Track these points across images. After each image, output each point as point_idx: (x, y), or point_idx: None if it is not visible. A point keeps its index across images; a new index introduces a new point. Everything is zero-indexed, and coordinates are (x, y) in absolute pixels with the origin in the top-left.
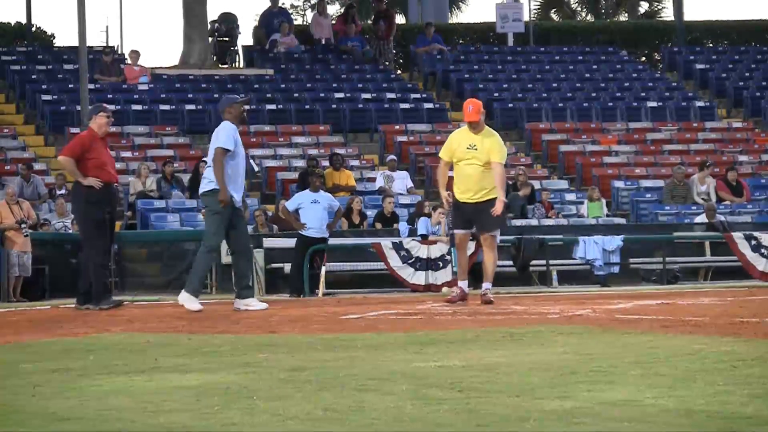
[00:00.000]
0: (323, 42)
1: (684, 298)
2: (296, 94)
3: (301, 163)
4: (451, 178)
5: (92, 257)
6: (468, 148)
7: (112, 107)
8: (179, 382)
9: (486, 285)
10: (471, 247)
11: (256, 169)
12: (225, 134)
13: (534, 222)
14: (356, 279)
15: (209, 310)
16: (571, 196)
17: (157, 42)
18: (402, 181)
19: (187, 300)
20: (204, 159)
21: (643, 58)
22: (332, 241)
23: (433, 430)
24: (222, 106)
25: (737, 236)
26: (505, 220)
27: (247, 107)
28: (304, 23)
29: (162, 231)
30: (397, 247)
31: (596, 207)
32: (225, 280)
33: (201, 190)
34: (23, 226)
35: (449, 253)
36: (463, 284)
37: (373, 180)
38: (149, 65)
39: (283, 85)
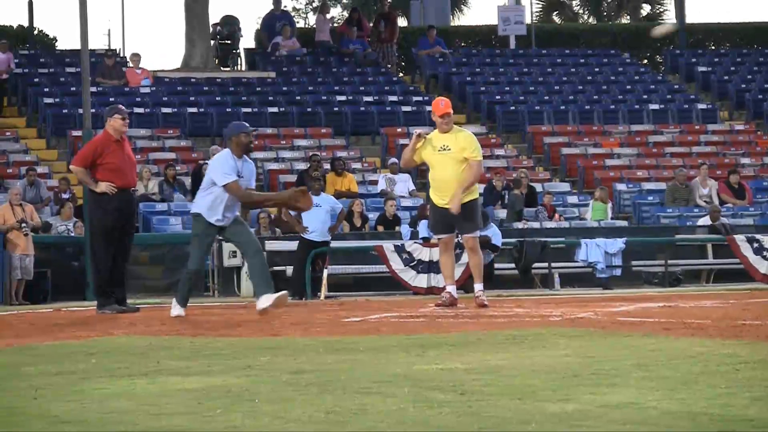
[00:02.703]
0: (328, 40)
1: (686, 301)
2: (298, 97)
3: (303, 166)
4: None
5: (96, 264)
6: (440, 150)
7: None
8: (181, 384)
9: (477, 286)
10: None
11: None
12: (217, 169)
13: (536, 225)
14: (358, 282)
15: (212, 312)
16: (573, 199)
17: (158, 45)
18: (404, 184)
19: (173, 306)
20: (207, 162)
21: (645, 61)
22: (334, 243)
23: None
24: (227, 133)
25: (739, 239)
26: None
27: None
28: (306, 26)
29: (164, 234)
30: (399, 250)
31: (600, 209)
32: (226, 282)
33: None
34: (23, 226)
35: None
36: (452, 288)
37: (375, 183)
38: (151, 68)
39: (284, 88)
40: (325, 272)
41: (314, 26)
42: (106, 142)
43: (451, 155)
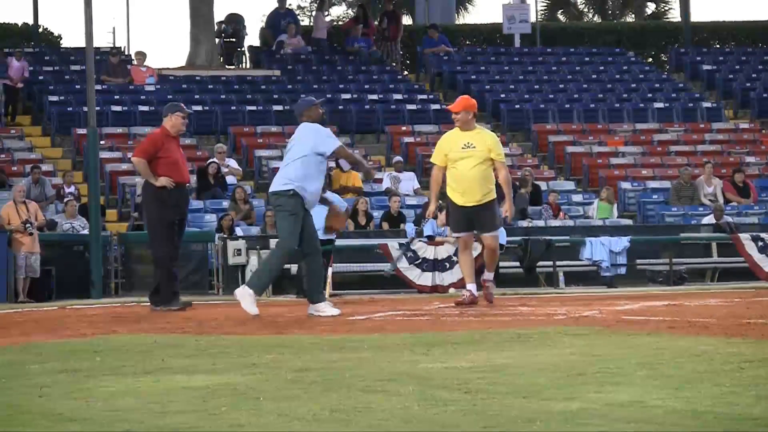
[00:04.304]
0: (324, 38)
1: (691, 300)
2: (303, 95)
3: None
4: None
5: (159, 260)
6: (464, 148)
7: (117, 108)
8: (186, 382)
9: (488, 275)
10: (477, 246)
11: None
12: (326, 134)
13: (541, 223)
14: (363, 280)
15: (215, 312)
16: (577, 197)
17: (163, 43)
18: (409, 182)
19: (245, 297)
20: (213, 160)
21: (650, 59)
22: (339, 242)
23: (439, 431)
24: (300, 109)
25: (744, 237)
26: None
27: (323, 109)
28: (311, 24)
29: None
30: (404, 248)
31: (606, 209)
32: (231, 280)
33: (273, 189)
34: (28, 227)
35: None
36: (472, 287)
37: (380, 181)
38: (156, 66)
39: (289, 86)
40: (330, 270)
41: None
42: (165, 138)
43: (475, 153)
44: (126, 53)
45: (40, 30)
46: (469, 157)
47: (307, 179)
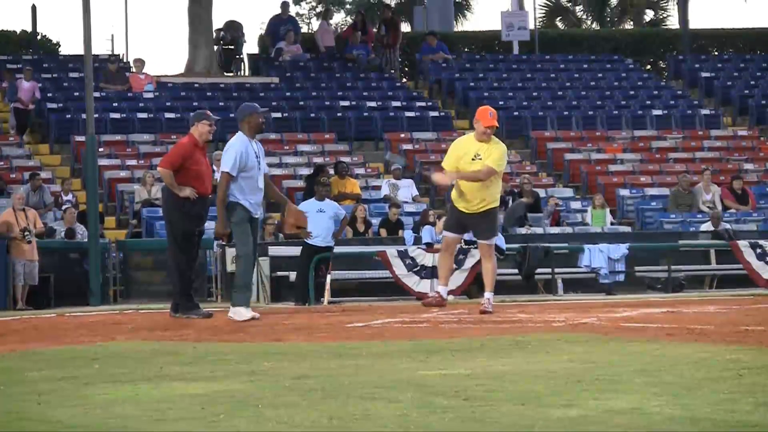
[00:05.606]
0: (332, 47)
1: (689, 307)
2: (301, 102)
3: (306, 171)
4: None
5: (178, 267)
6: (473, 159)
7: (116, 115)
8: (185, 390)
9: (487, 294)
10: (475, 254)
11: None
12: (231, 155)
13: (539, 230)
14: (361, 287)
15: (214, 319)
16: (576, 204)
17: (162, 50)
18: (407, 189)
19: (237, 314)
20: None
21: (649, 67)
22: (337, 249)
23: None
24: (241, 114)
25: (742, 244)
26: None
27: (264, 119)
28: (310, 32)
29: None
30: (403, 256)
31: (600, 215)
32: (229, 287)
33: None
34: (26, 234)
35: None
36: (442, 290)
37: (378, 188)
38: (154, 73)
39: (288, 94)
40: (329, 277)
41: (315, 31)
42: (192, 147)
43: (481, 165)
44: (124, 60)
45: (39, 37)
46: (475, 168)
47: (239, 191)
